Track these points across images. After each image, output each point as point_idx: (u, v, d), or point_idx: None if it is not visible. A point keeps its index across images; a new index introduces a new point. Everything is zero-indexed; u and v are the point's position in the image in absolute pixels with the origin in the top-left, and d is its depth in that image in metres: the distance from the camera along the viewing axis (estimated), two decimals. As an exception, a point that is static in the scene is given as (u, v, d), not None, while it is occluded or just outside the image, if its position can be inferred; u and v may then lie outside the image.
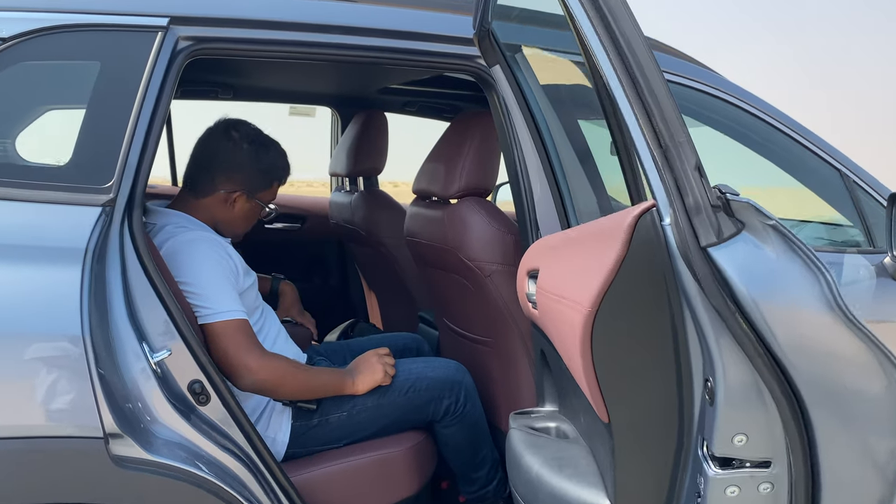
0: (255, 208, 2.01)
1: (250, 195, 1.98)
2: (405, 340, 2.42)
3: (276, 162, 2.00)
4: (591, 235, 1.28)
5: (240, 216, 2.00)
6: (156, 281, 1.56)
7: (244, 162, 1.95)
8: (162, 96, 1.63)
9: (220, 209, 1.96)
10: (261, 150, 1.97)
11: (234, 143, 1.95)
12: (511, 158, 1.98)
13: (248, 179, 1.96)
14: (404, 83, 3.00)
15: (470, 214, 2.11)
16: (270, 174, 2.00)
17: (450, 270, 2.25)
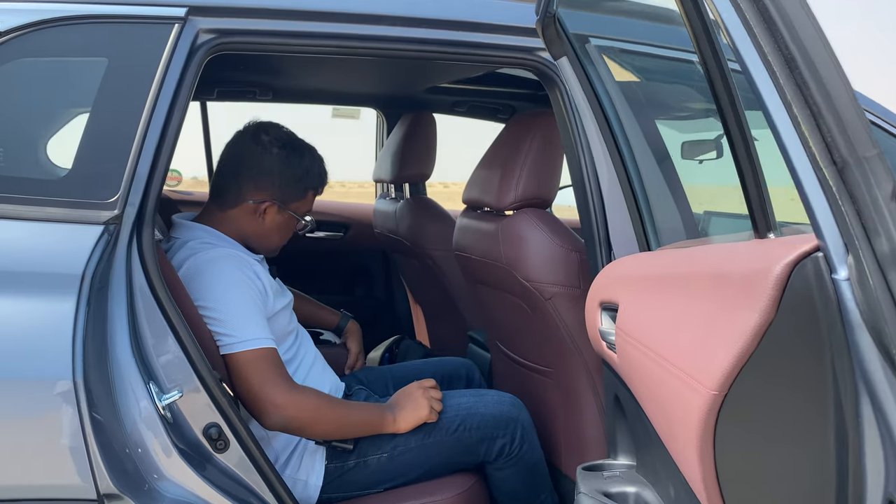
0: (288, 220, 1.80)
1: (282, 205, 1.76)
2: (454, 366, 2.18)
3: (310, 168, 1.78)
4: (704, 278, 0.98)
5: (271, 229, 1.79)
6: (168, 310, 1.36)
7: (274, 168, 1.74)
8: (178, 98, 1.43)
9: (248, 222, 1.76)
10: (293, 155, 1.75)
11: (262, 148, 1.74)
12: (576, 164, 1.72)
13: (278, 188, 1.75)
14: (454, 81, 2.76)
15: (528, 229, 1.85)
16: (304, 182, 1.78)
17: (504, 290, 2.00)
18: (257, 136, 1.74)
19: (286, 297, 1.81)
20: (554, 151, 1.92)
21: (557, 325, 1.86)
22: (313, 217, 1.86)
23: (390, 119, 3.25)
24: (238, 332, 1.56)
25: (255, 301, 1.62)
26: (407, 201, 2.74)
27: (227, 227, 1.74)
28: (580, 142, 1.72)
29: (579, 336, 1.85)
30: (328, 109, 3.22)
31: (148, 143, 1.37)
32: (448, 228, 2.60)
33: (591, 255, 1.74)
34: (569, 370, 1.91)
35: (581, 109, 1.60)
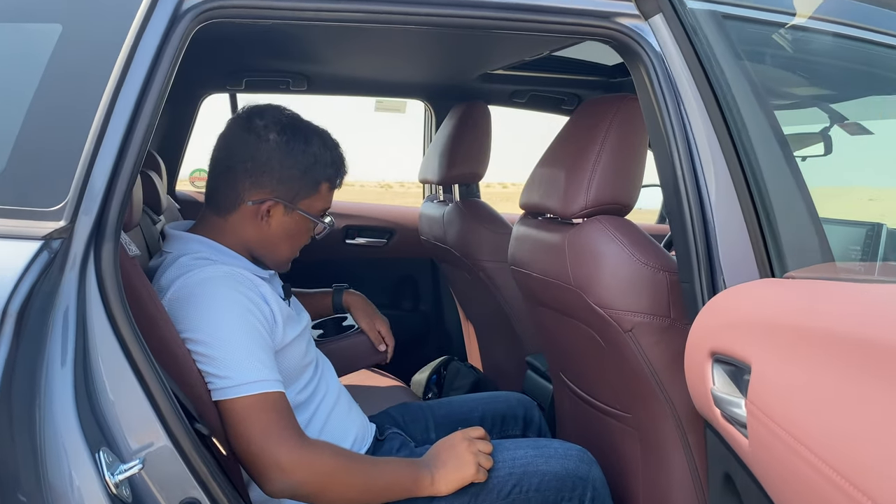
0: (299, 223, 1.45)
1: (289, 204, 1.42)
2: (508, 404, 1.82)
3: (320, 155, 1.43)
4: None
5: (279, 235, 1.44)
6: (133, 350, 1.04)
7: (273, 159, 1.39)
8: (154, 78, 1.12)
9: (250, 228, 1.42)
10: (295, 140, 1.40)
11: (256, 135, 1.39)
12: (668, 160, 1.34)
13: (281, 182, 1.40)
14: (511, 67, 2.39)
15: (602, 241, 1.48)
16: (313, 172, 1.42)
17: (571, 316, 1.63)
18: (250, 122, 1.41)
19: (301, 322, 1.48)
20: (635, 144, 1.54)
21: (639, 361, 1.48)
22: (332, 217, 1.51)
23: (439, 112, 2.90)
24: (234, 373, 1.24)
25: (259, 332, 1.29)
26: (456, 205, 2.39)
27: (229, 238, 1.42)
28: (673, 132, 1.34)
29: (667, 377, 1.47)
30: (370, 103, 2.90)
31: (111, 135, 1.06)
32: (503, 237, 2.24)
33: (686, 276, 1.35)
34: (652, 417, 1.53)
35: (681, 88, 1.22)
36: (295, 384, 1.41)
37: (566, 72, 2.55)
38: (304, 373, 1.44)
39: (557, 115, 2.81)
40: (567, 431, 1.92)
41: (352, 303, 1.90)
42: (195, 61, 2.39)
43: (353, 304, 1.90)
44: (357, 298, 1.91)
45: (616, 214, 1.55)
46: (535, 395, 2.19)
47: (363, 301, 1.91)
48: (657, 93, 1.35)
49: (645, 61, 1.37)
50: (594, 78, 2.60)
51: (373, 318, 1.87)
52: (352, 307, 1.89)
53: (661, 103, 1.35)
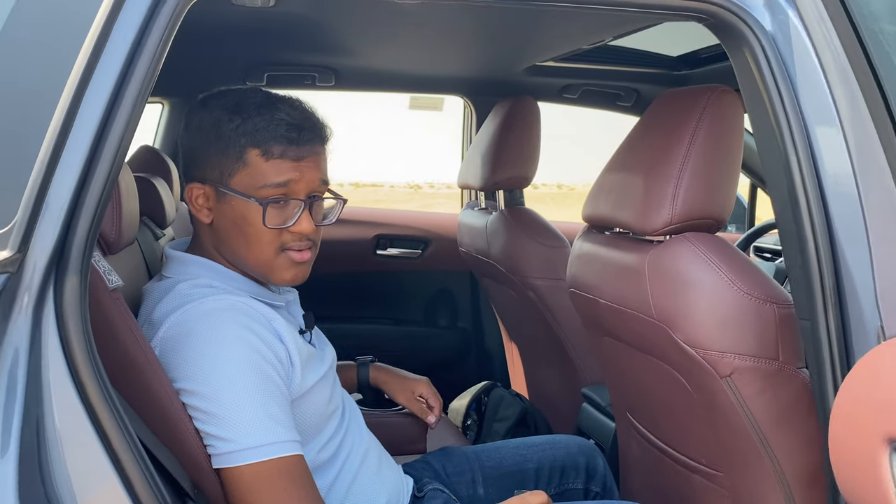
0: (240, 209, 1.10)
1: (219, 187, 1.11)
2: (567, 451, 1.55)
3: (247, 120, 1.09)
4: None
5: (227, 228, 1.11)
6: (102, 415, 0.79)
7: (199, 140, 1.12)
8: (136, 63, 0.87)
9: (205, 233, 1.15)
10: (226, 114, 1.11)
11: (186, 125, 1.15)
12: (783, 163, 1.06)
13: (205, 163, 1.12)
14: (562, 58, 2.12)
15: (693, 266, 1.20)
16: (236, 141, 1.09)
17: (650, 353, 1.35)
18: (192, 111, 1.15)
19: (324, 361, 1.22)
20: (730, 145, 1.26)
21: (738, 414, 1.20)
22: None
23: (480, 109, 2.63)
24: (240, 435, 0.99)
25: (272, 381, 1.04)
26: (501, 214, 2.12)
27: (208, 252, 1.17)
28: (790, 129, 1.06)
29: (774, 434, 1.19)
30: (404, 99, 2.65)
31: (77, 136, 0.82)
32: (556, 251, 1.97)
33: (807, 310, 1.07)
34: (752, 481, 1.25)
35: (826, 64, 0.94)
36: (316, 440, 1.15)
37: (624, 63, 2.27)
38: (327, 424, 1.18)
39: (613, 112, 2.53)
40: (635, 482, 1.64)
41: (381, 380, 1.58)
42: (210, 54, 2.18)
43: (383, 381, 1.58)
44: (386, 373, 1.59)
45: (706, 231, 1.27)
46: (592, 434, 1.92)
47: (393, 374, 1.58)
48: (767, 83, 1.08)
49: (751, 43, 1.09)
50: (656, 70, 2.31)
51: (411, 388, 1.56)
52: (382, 385, 1.58)
53: (772, 95, 1.08)
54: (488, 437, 2.19)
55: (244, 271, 1.16)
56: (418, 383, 1.56)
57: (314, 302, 2.63)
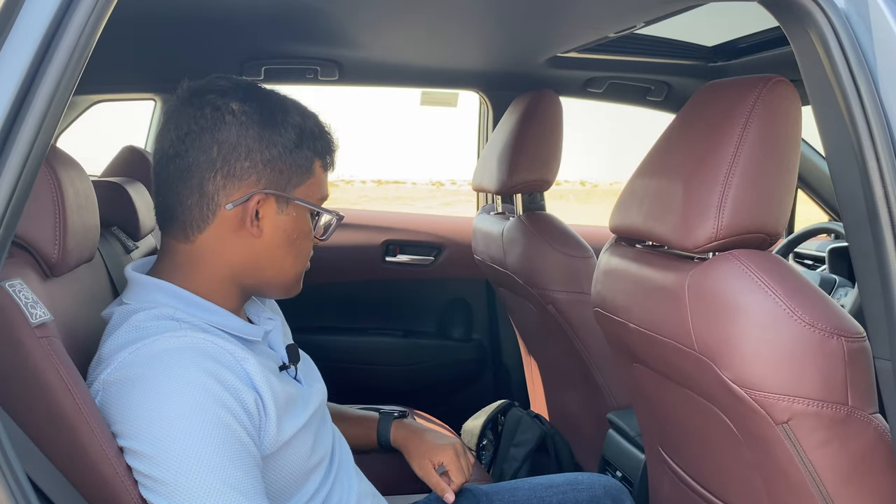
0: (298, 220, 1.01)
1: (282, 194, 0.99)
2: (592, 492, 1.36)
3: (304, 125, 1.01)
4: None
5: (277, 242, 1.00)
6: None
7: (248, 136, 0.96)
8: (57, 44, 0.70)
9: (235, 245, 0.99)
10: (269, 110, 0.98)
11: (216, 112, 0.96)
12: (858, 169, 0.87)
13: (266, 167, 0.97)
14: (586, 49, 1.93)
15: (743, 289, 1.01)
16: (304, 148, 1.00)
17: (689, 388, 1.16)
18: (199, 98, 0.97)
19: (310, 402, 1.04)
20: (786, 147, 1.07)
21: (797, 467, 1.01)
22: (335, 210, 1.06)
23: (497, 105, 2.45)
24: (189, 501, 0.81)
25: (237, 439, 0.86)
26: (518, 219, 1.93)
27: (204, 273, 0.99)
28: (868, 127, 0.87)
29: (841, 492, 1.00)
30: (415, 95, 2.46)
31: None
32: (580, 261, 1.79)
33: (889, 349, 0.88)
34: (812, 543, 1.05)
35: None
36: (296, 498, 0.98)
37: (654, 54, 2.07)
38: (310, 478, 1.01)
39: (643, 107, 2.33)
40: (669, 527, 1.45)
41: (400, 440, 1.34)
42: (203, 47, 2.02)
43: (401, 443, 1.34)
44: (407, 431, 1.35)
45: (758, 247, 1.08)
46: (619, 465, 1.73)
47: (414, 434, 1.34)
48: (840, 72, 0.89)
49: (819, 24, 0.90)
50: (689, 62, 2.11)
51: (432, 455, 1.29)
52: (400, 446, 1.34)
53: (846, 88, 0.89)
54: (504, 463, 2.01)
55: (219, 297, 0.99)
56: (442, 450, 1.29)
57: (318, 313, 2.50)
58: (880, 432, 0.97)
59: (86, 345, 0.98)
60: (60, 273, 0.96)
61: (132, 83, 2.30)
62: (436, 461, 1.27)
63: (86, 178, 1.06)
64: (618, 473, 1.73)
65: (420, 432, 1.33)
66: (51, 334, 0.80)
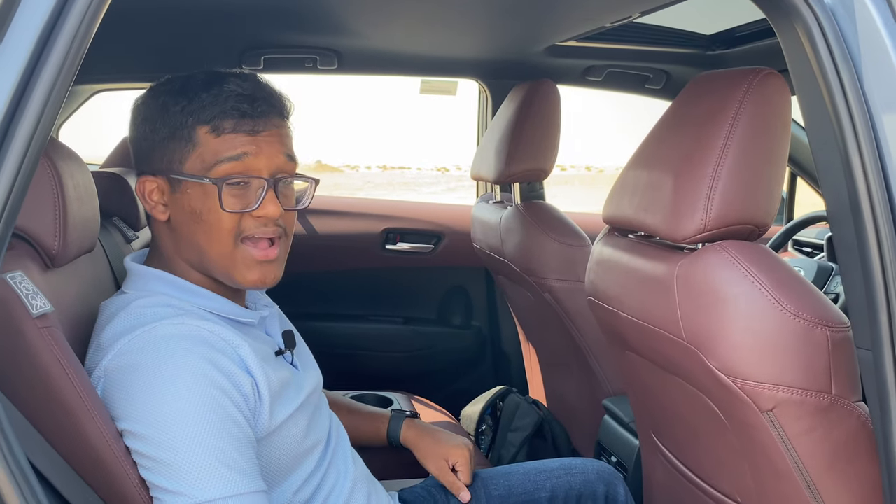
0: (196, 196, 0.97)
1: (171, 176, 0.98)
2: (585, 477, 1.39)
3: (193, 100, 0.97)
4: None
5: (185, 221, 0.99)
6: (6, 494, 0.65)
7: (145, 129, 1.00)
8: (56, 36, 0.72)
9: (163, 232, 1.03)
10: (180, 94, 0.98)
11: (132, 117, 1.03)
12: (841, 161, 0.89)
13: (152, 154, 1.00)
14: (584, 36, 1.93)
15: (730, 280, 1.03)
16: (185, 121, 0.97)
17: (679, 376, 1.18)
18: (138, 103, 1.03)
19: (302, 387, 1.07)
20: (775, 138, 1.08)
21: (781, 454, 1.03)
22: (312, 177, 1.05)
23: (496, 93, 2.45)
24: (192, 487, 0.84)
25: (232, 420, 0.89)
26: (516, 209, 1.94)
27: (177, 261, 1.03)
28: (852, 122, 0.88)
29: (824, 479, 1.02)
30: (416, 83, 2.47)
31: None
32: (576, 250, 1.80)
33: (870, 338, 0.90)
34: (797, 528, 1.08)
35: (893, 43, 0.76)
36: (291, 479, 1.01)
37: (652, 43, 2.07)
38: (305, 461, 1.04)
39: (642, 95, 2.33)
40: (661, 513, 1.48)
41: (411, 440, 1.36)
42: (203, 37, 2.03)
43: (413, 442, 1.36)
44: (418, 432, 1.37)
45: (746, 238, 1.09)
46: (614, 449, 1.75)
47: (426, 435, 1.36)
48: (824, 66, 0.90)
49: (805, 18, 0.91)
50: (687, 51, 2.11)
51: (446, 455, 1.32)
52: (412, 446, 1.36)
53: (830, 81, 0.90)
54: (502, 448, 2.04)
55: (211, 282, 1.02)
56: (455, 449, 1.31)
57: (318, 300, 2.52)
58: (863, 420, 0.99)
59: (87, 334, 1.01)
60: (61, 264, 0.98)
61: (133, 72, 2.31)
62: (451, 461, 1.30)
63: (85, 169, 1.09)
64: (613, 459, 1.76)
65: (433, 432, 1.36)
66: (51, 324, 0.82)
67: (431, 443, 1.33)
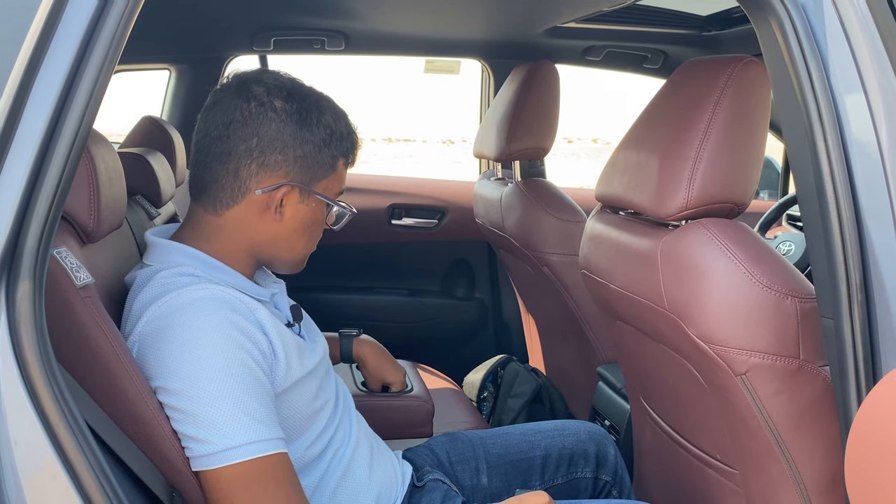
0: (316, 210, 1.14)
1: (305, 188, 1.11)
2: (577, 438, 1.48)
3: (335, 127, 1.13)
4: None
5: (293, 228, 1.13)
6: (59, 434, 0.75)
7: (285, 133, 1.08)
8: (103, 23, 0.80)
9: (257, 224, 1.11)
10: (306, 110, 1.10)
11: (259, 105, 1.08)
12: (808, 146, 0.97)
13: (295, 162, 1.10)
14: (584, 19, 2.00)
15: (708, 255, 1.12)
16: (330, 147, 1.12)
17: (663, 343, 1.28)
18: (248, 90, 1.09)
19: (314, 353, 1.17)
20: (755, 122, 1.16)
21: (753, 414, 1.12)
22: (348, 204, 1.19)
23: (498, 73, 2.52)
24: (218, 435, 0.94)
25: (253, 375, 0.99)
26: (516, 186, 2.03)
27: (226, 242, 1.11)
28: (818, 110, 0.96)
29: (791, 437, 1.12)
30: (420, 62, 2.54)
31: (30, 114, 0.76)
32: (573, 225, 1.89)
33: (829, 308, 0.99)
34: (768, 483, 1.18)
35: (853, 37, 0.84)
36: (304, 437, 1.11)
37: (650, 24, 2.14)
38: (314, 420, 1.14)
39: (640, 75, 2.40)
40: (648, 469, 1.58)
41: (364, 355, 1.57)
42: (217, 18, 2.10)
43: (365, 357, 1.57)
44: (370, 349, 1.57)
45: (725, 216, 1.18)
46: (607, 415, 1.86)
47: (377, 350, 1.58)
48: (795, 58, 0.98)
49: (779, 13, 0.99)
50: (683, 31, 2.18)
51: (383, 377, 1.58)
52: (359, 361, 1.57)
53: (799, 72, 0.98)
54: (502, 413, 2.14)
55: (250, 256, 1.13)
56: (392, 373, 1.58)
57: (328, 273, 2.62)
58: (828, 383, 1.08)
59: (119, 302, 1.10)
60: (95, 240, 1.08)
61: (148, 54, 2.38)
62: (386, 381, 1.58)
63: (113, 152, 1.17)
64: (606, 422, 1.86)
65: (375, 352, 1.58)
66: (92, 294, 0.91)
67: (376, 358, 1.57)
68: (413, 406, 1.58)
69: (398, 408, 1.57)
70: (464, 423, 1.78)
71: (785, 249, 2.08)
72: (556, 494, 1.42)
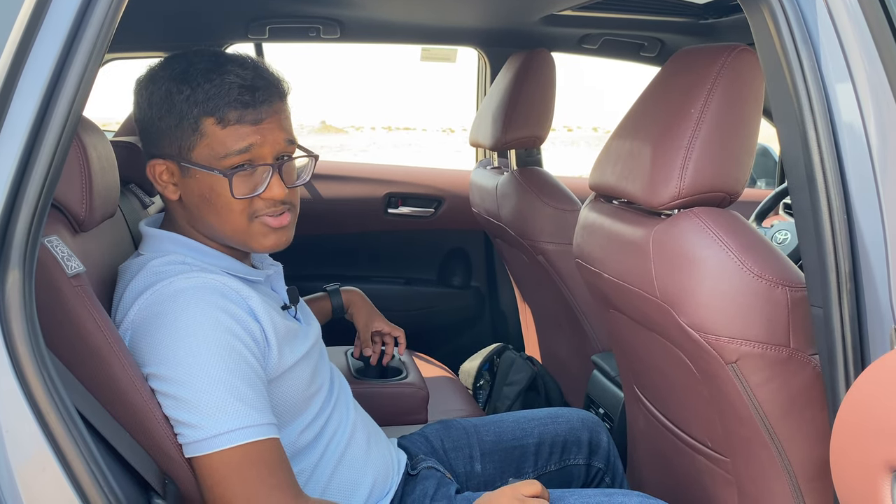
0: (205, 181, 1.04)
1: (181, 162, 1.05)
2: (571, 425, 1.49)
3: (196, 89, 1.02)
4: None
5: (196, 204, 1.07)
6: (55, 431, 0.76)
7: (151, 113, 1.06)
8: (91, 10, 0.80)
9: (177, 209, 1.11)
10: (182, 82, 1.03)
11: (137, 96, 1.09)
12: (799, 135, 0.97)
13: (163, 138, 1.06)
14: (580, 7, 1.99)
15: (700, 244, 1.12)
16: (191, 112, 1.03)
17: (655, 332, 1.28)
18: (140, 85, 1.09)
19: (308, 337, 1.18)
20: (747, 112, 1.16)
21: (744, 402, 1.13)
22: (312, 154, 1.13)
23: (494, 61, 2.51)
24: (209, 420, 0.95)
25: (244, 361, 1.00)
26: (512, 174, 2.03)
27: (190, 229, 1.12)
28: (809, 99, 0.96)
29: (781, 424, 1.13)
30: (415, 52, 2.53)
31: (19, 101, 0.76)
32: (569, 214, 1.90)
33: (819, 297, 0.99)
34: (757, 470, 1.19)
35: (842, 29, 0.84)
36: (297, 421, 1.12)
37: (647, 12, 2.12)
38: (310, 404, 1.14)
39: (638, 63, 2.39)
40: (641, 456, 1.59)
41: (352, 301, 1.64)
42: (210, 7, 2.09)
43: (354, 303, 1.64)
44: (357, 296, 1.65)
45: (717, 205, 1.18)
46: (602, 402, 1.86)
47: (363, 298, 1.66)
48: (786, 46, 0.98)
49: (770, 2, 0.98)
50: (680, 19, 2.17)
51: (370, 319, 1.62)
52: (352, 306, 1.64)
53: (791, 61, 0.98)
54: (498, 401, 2.15)
55: (222, 245, 1.11)
56: (379, 319, 1.62)
57: (324, 262, 2.62)
58: (818, 371, 1.09)
59: (111, 291, 1.11)
60: (88, 228, 1.08)
61: (144, 42, 2.38)
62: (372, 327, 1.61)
63: (106, 140, 1.17)
64: (600, 410, 1.87)
65: (364, 297, 1.65)
66: (84, 283, 0.92)
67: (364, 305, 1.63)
68: (407, 393, 1.59)
69: (393, 395, 1.58)
70: (458, 411, 1.79)
71: (781, 238, 2.09)
72: (549, 481, 1.43)
